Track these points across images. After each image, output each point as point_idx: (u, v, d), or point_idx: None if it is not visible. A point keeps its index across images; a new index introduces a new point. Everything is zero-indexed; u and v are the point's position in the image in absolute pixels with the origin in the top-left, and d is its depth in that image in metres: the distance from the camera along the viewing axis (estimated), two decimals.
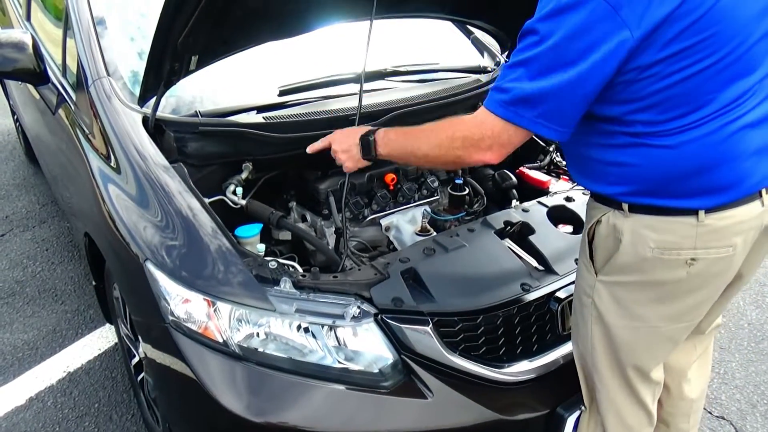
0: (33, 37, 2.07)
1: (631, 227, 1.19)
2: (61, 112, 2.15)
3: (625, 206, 1.19)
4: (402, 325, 1.39)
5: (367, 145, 1.41)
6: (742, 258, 1.22)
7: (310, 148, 1.58)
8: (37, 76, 2.10)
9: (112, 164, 1.69)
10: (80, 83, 1.94)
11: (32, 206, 3.54)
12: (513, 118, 1.12)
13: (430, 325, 1.41)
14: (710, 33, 1.03)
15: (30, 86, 2.56)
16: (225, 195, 1.72)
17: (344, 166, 1.50)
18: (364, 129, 1.46)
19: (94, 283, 2.12)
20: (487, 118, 1.16)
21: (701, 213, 1.13)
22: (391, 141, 1.38)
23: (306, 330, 1.38)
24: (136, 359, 1.93)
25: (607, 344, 1.31)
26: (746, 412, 2.20)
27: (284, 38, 1.76)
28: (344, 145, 1.48)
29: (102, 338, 2.47)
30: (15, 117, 3.98)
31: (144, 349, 1.56)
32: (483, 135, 1.17)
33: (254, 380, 1.34)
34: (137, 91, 1.79)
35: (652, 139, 1.12)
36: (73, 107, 2.01)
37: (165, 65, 1.56)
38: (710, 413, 2.19)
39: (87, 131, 1.86)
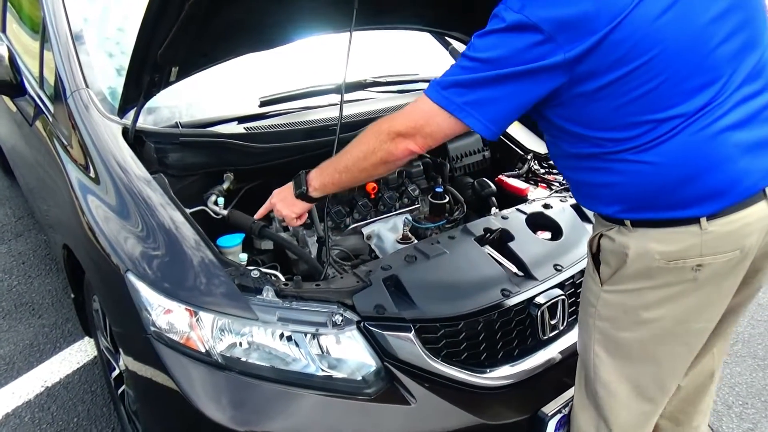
0: (9, 49, 2.06)
1: (636, 242, 1.19)
2: (38, 123, 2.13)
3: (628, 222, 1.20)
4: (384, 332, 1.40)
5: (297, 180, 1.46)
6: (752, 256, 1.20)
7: (258, 215, 1.62)
8: (14, 87, 2.09)
9: (91, 175, 1.68)
10: (58, 95, 1.93)
11: (8, 219, 3.48)
12: (442, 102, 1.15)
13: (413, 331, 1.42)
14: (654, 53, 1.05)
15: (5, 98, 2.54)
16: (206, 205, 1.72)
17: (285, 218, 1.53)
18: (292, 184, 1.49)
19: (72, 295, 2.10)
20: (419, 104, 1.20)
21: (703, 220, 1.13)
22: (322, 169, 1.41)
23: (289, 338, 1.38)
24: (117, 372, 1.91)
25: (615, 355, 1.29)
26: (722, 413, 2.24)
27: (265, 50, 1.78)
28: (280, 196, 1.53)
29: (81, 352, 2.44)
30: None
31: (125, 362, 1.55)
32: (414, 123, 1.20)
33: (238, 390, 1.34)
34: (116, 103, 1.79)
35: (626, 155, 1.13)
36: (50, 119, 2.00)
37: (145, 76, 1.56)
38: None
39: (65, 142, 1.85)
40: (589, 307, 1.32)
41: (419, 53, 2.62)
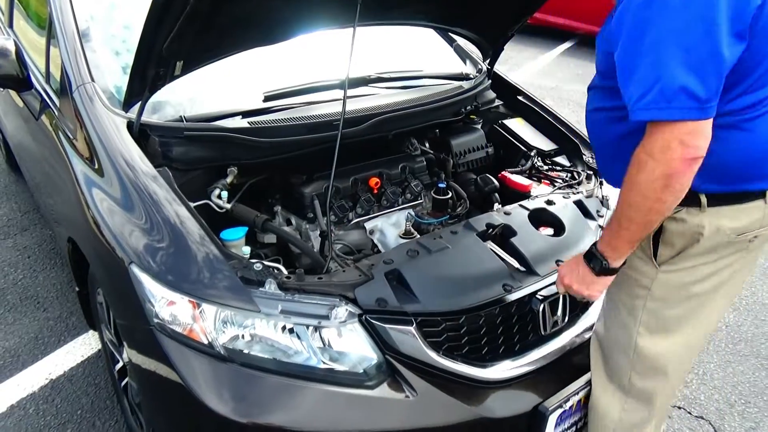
0: (16, 44, 2.07)
1: (709, 221, 1.26)
2: (44, 118, 2.14)
3: (704, 200, 1.25)
4: (386, 326, 1.41)
5: (597, 263, 1.30)
6: None
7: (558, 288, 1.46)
8: (21, 82, 2.10)
9: (96, 168, 1.69)
10: (64, 89, 1.94)
11: (13, 214, 3.50)
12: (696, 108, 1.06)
13: (414, 325, 1.43)
14: None
15: (12, 93, 2.56)
16: (210, 199, 1.73)
17: (588, 297, 1.38)
18: (580, 258, 1.36)
19: (77, 289, 2.11)
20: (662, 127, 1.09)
21: None
22: (610, 242, 1.27)
23: (291, 331, 1.39)
24: (120, 364, 1.92)
25: (662, 326, 1.37)
26: (724, 412, 2.24)
27: (269, 44, 1.78)
28: (573, 276, 1.37)
29: (85, 345, 2.45)
30: None
31: (128, 354, 1.56)
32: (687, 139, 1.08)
33: (240, 381, 1.35)
34: (121, 97, 1.80)
35: (734, 125, 1.17)
36: (56, 113, 2.01)
37: (150, 70, 1.57)
38: (689, 413, 2.23)
39: (71, 136, 1.86)
40: (639, 290, 1.37)
41: (423, 49, 2.62)
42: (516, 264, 1.62)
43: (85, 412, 2.14)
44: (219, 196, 1.73)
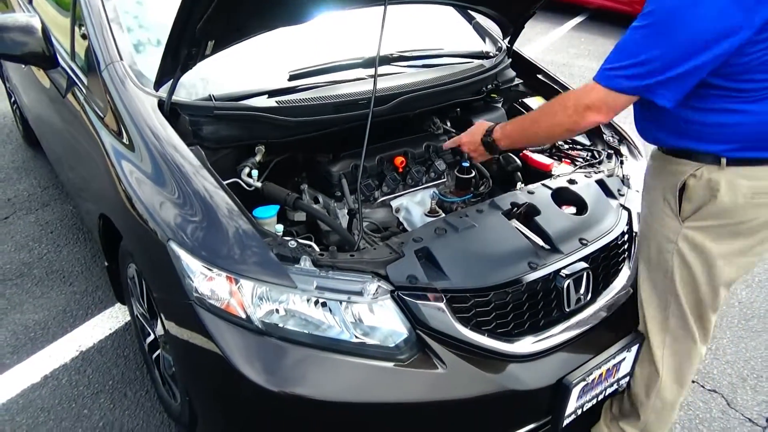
0: (42, 21, 2.09)
1: (727, 179, 1.36)
2: (70, 96, 2.17)
3: (723, 161, 1.35)
4: (417, 301, 1.45)
5: (488, 145, 1.69)
6: None
7: (446, 146, 1.92)
8: (47, 59, 2.12)
9: (128, 146, 1.72)
10: (92, 67, 1.97)
11: (34, 189, 3.55)
12: (629, 90, 1.30)
13: (444, 301, 1.47)
14: None
15: (35, 70, 2.58)
16: (240, 178, 1.77)
17: (474, 158, 1.82)
18: (483, 129, 1.71)
19: (106, 264, 2.16)
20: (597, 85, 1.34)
21: None
22: (508, 136, 1.64)
23: (324, 305, 1.44)
24: (151, 338, 1.98)
25: (690, 281, 1.50)
26: (737, 386, 2.30)
27: (297, 23, 1.79)
28: (472, 146, 1.76)
29: (112, 318, 2.52)
30: (12, 100, 3.97)
31: (167, 326, 1.61)
32: (601, 97, 1.33)
33: (274, 353, 1.40)
34: (149, 76, 1.82)
35: (760, 99, 1.26)
36: (84, 91, 2.04)
37: (183, 50, 1.59)
38: (702, 387, 2.29)
39: (101, 115, 1.89)
40: (667, 243, 1.50)
41: (443, 28, 2.62)
42: (540, 242, 1.65)
43: (116, 382, 2.21)
44: (249, 175, 1.76)
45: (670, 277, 1.53)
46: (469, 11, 2.69)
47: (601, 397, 1.70)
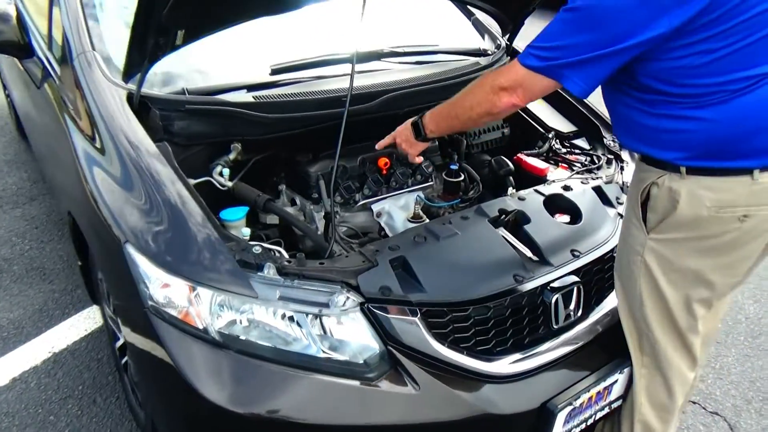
0: (17, 8, 2.01)
1: (688, 189, 1.26)
2: (45, 86, 2.08)
3: (683, 169, 1.26)
4: (389, 315, 1.34)
5: (416, 127, 1.60)
6: None
7: (379, 145, 1.73)
8: (22, 48, 2.04)
9: (94, 142, 1.63)
10: (65, 57, 1.88)
11: (23, 183, 3.48)
12: (543, 70, 1.23)
13: (419, 315, 1.36)
14: (759, 10, 1.10)
15: (17, 59, 2.50)
16: (212, 176, 1.67)
17: (409, 154, 1.68)
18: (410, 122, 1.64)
19: (79, 263, 2.07)
20: (516, 63, 1.29)
21: (756, 172, 1.21)
22: (435, 116, 1.55)
23: (290, 318, 1.33)
24: (121, 341, 1.89)
25: (657, 297, 1.39)
26: (741, 408, 2.17)
27: (277, 13, 1.69)
28: (403, 136, 1.66)
29: (89, 319, 2.43)
30: (6, 92, 3.91)
31: (125, 333, 1.52)
32: (515, 79, 1.29)
33: (235, 369, 1.30)
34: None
35: (705, 106, 1.18)
36: (57, 82, 1.95)
37: (149, 39, 1.49)
38: (704, 409, 2.15)
39: (71, 107, 1.80)
40: (634, 256, 1.39)
41: (440, 23, 2.51)
42: (529, 253, 1.54)
43: (86, 387, 2.12)
44: (221, 174, 1.66)
45: (639, 293, 1.42)
46: (469, 7, 2.57)
47: (590, 421, 1.58)
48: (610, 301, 1.64)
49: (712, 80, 1.16)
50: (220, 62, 1.92)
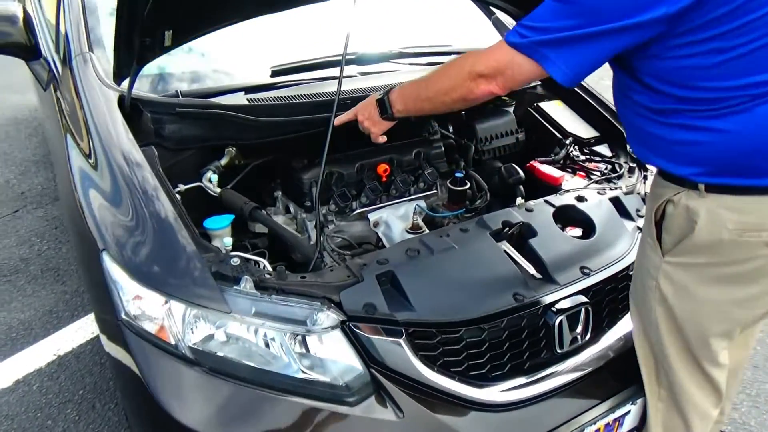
0: (24, 10, 1.99)
1: (707, 208, 1.13)
2: (51, 88, 2.07)
3: (702, 186, 1.13)
4: (371, 335, 1.24)
5: (382, 104, 1.47)
6: None
7: (338, 120, 1.57)
8: (29, 50, 2.02)
9: (83, 144, 1.59)
10: (65, 58, 1.85)
11: (48, 183, 3.53)
12: (525, 50, 1.11)
13: (404, 335, 1.26)
14: (764, 11, 0.99)
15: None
16: (202, 182, 1.61)
17: (371, 133, 1.54)
18: (375, 98, 1.51)
19: None
20: (501, 47, 1.17)
21: None
22: (404, 94, 1.43)
23: (267, 334, 1.25)
24: None
25: (673, 326, 1.26)
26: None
27: (272, 12, 1.62)
28: (366, 113, 1.52)
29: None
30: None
31: (103, 343, 1.47)
32: (495, 65, 1.18)
33: (206, 389, 1.22)
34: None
35: (717, 115, 1.06)
36: (59, 83, 1.93)
37: (134, 40, 1.44)
38: None
39: (67, 109, 1.77)
40: (649, 280, 1.27)
41: (456, 23, 2.40)
42: (532, 270, 1.41)
43: (87, 392, 2.10)
44: (210, 179, 1.60)
45: (655, 319, 1.28)
46: (491, 7, 2.45)
47: None
48: (625, 325, 1.50)
49: (726, 83, 1.03)
50: (220, 64, 1.86)
